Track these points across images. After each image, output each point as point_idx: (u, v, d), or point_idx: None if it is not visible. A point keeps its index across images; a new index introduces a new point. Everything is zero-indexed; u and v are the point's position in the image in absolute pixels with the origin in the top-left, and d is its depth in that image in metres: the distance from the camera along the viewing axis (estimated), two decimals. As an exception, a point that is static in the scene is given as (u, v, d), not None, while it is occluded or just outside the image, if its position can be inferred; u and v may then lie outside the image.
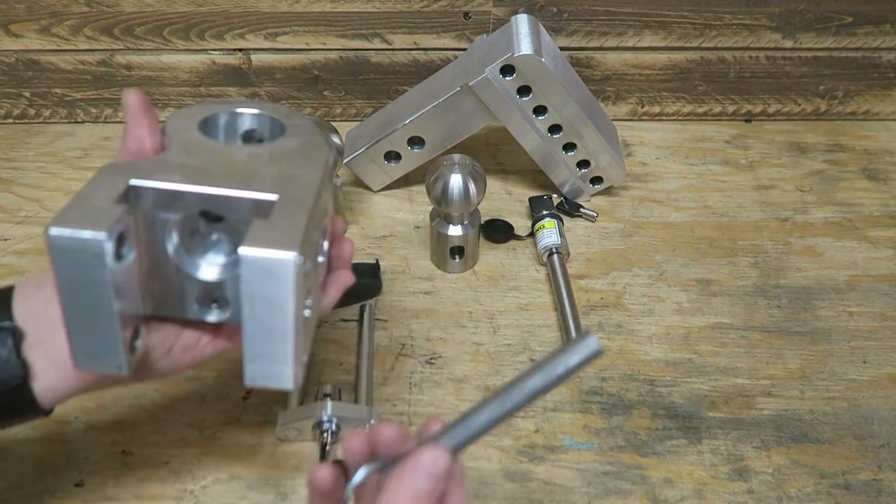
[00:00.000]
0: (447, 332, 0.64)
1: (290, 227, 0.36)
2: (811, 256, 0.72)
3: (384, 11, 0.79)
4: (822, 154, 0.85)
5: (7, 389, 0.39)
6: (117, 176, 0.38)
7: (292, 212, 0.37)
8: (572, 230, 0.74)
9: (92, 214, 0.35)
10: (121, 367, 0.37)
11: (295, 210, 0.37)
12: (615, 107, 0.88)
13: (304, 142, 0.44)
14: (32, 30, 0.79)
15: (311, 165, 0.42)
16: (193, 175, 0.38)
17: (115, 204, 0.36)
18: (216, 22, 0.80)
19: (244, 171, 0.40)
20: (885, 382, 0.61)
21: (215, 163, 0.40)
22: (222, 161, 0.41)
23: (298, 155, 0.43)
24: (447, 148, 0.74)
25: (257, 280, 0.35)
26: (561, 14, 0.80)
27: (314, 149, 0.44)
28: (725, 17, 0.81)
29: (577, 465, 0.54)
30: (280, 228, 0.36)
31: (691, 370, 0.61)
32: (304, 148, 0.44)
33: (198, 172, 0.39)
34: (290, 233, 0.36)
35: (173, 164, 0.39)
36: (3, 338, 0.39)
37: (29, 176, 0.79)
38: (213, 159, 0.40)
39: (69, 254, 0.34)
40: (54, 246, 0.34)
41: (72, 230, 0.34)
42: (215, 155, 0.41)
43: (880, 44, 0.84)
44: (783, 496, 0.53)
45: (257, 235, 0.35)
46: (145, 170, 0.38)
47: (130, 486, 0.52)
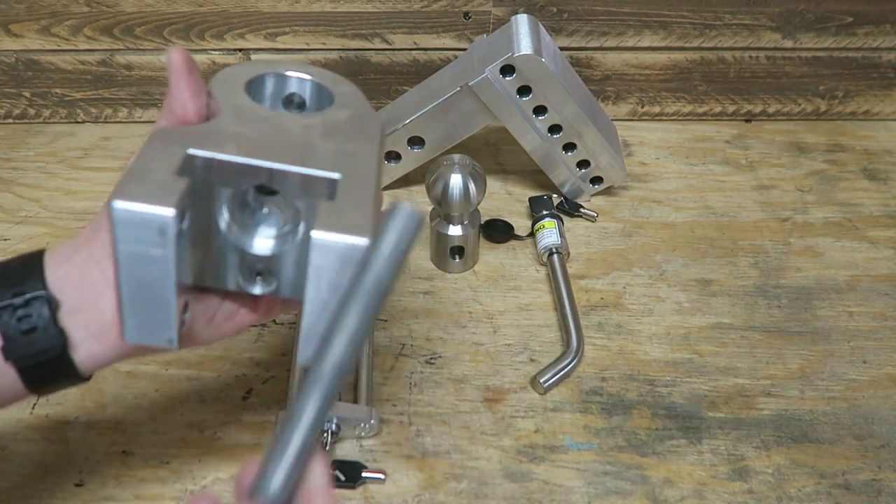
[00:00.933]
0: (447, 332, 0.64)
1: (358, 211, 0.36)
2: (811, 256, 0.72)
3: (384, 11, 0.79)
4: (822, 154, 0.85)
5: (46, 360, 0.38)
6: (174, 144, 0.37)
7: (357, 193, 0.37)
8: (572, 230, 0.74)
9: (156, 188, 0.34)
10: (171, 342, 0.37)
11: (359, 191, 0.37)
12: (615, 107, 0.88)
13: (356, 113, 0.43)
14: (32, 30, 0.79)
15: (366, 140, 0.41)
16: (251, 147, 0.38)
17: (177, 176, 0.35)
18: (216, 22, 0.80)
19: (302, 145, 0.39)
20: (885, 382, 0.61)
21: (270, 134, 0.39)
22: (277, 132, 0.40)
23: (352, 128, 0.42)
24: (447, 148, 0.74)
25: (327, 264, 0.35)
26: (561, 14, 0.80)
27: (367, 121, 0.43)
28: (725, 17, 0.81)
29: (577, 465, 0.54)
30: (349, 213, 0.35)
31: (691, 370, 0.61)
32: (357, 120, 0.43)
33: (255, 145, 0.38)
34: (360, 217, 0.35)
35: (227, 133, 0.38)
36: (39, 307, 0.37)
37: (29, 176, 0.79)
38: (267, 130, 0.40)
39: (132, 228, 0.33)
40: (117, 219, 0.33)
41: (137, 205, 0.33)
42: (269, 125, 0.40)
43: (880, 44, 0.84)
44: (783, 496, 0.53)
45: (328, 220, 0.35)
46: (200, 138, 0.37)
47: (130, 486, 0.52)
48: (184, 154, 0.36)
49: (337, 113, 0.43)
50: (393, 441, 0.56)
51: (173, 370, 0.60)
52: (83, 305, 0.38)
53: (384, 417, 0.57)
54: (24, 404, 0.57)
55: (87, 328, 0.38)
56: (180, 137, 0.37)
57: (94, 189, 0.78)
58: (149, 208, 0.33)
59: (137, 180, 0.34)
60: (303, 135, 0.40)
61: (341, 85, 0.46)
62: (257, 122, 0.40)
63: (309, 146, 0.39)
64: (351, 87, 0.46)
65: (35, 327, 0.37)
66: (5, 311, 0.37)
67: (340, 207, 0.36)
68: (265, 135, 0.39)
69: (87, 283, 0.38)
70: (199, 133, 0.38)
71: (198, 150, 0.37)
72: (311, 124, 0.42)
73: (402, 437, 0.56)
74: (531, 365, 0.61)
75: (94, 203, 0.76)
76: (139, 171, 0.35)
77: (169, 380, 0.59)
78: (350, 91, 0.45)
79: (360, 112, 0.44)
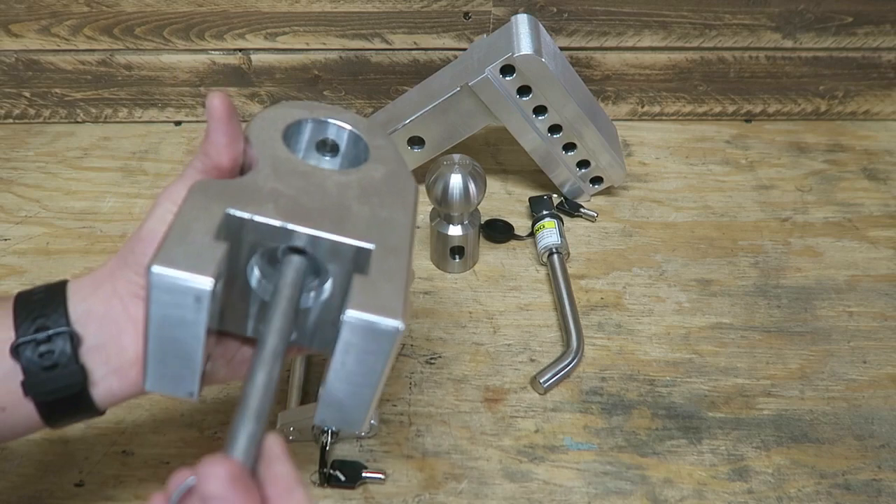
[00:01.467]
0: (447, 332, 0.64)
1: (392, 290, 0.36)
2: (811, 256, 0.72)
3: (384, 11, 0.79)
4: (822, 154, 0.85)
5: (65, 396, 0.38)
6: (213, 201, 0.36)
7: (391, 268, 0.37)
8: (572, 230, 0.74)
9: (195, 255, 0.34)
10: (192, 395, 0.37)
11: (393, 265, 0.37)
12: (615, 107, 0.88)
13: (391, 172, 0.43)
14: (32, 30, 0.79)
15: (401, 205, 0.41)
16: (289, 209, 0.37)
17: (216, 241, 0.35)
18: (216, 22, 0.80)
19: (338, 208, 0.39)
20: (885, 382, 0.61)
21: (308, 192, 0.39)
22: (314, 191, 0.39)
23: (388, 190, 0.42)
24: (447, 148, 0.74)
25: (357, 341, 0.35)
26: (561, 14, 0.80)
27: (402, 183, 0.43)
28: (725, 17, 0.81)
29: (577, 465, 0.54)
30: (383, 291, 0.36)
31: (691, 370, 0.61)
32: (393, 181, 0.43)
33: (293, 205, 0.38)
34: (394, 297, 0.35)
35: (265, 190, 0.38)
36: (61, 343, 0.37)
37: (29, 176, 0.79)
38: (305, 188, 0.39)
39: (169, 293, 0.33)
40: (155, 284, 0.33)
41: (176, 272, 0.33)
42: (307, 182, 0.40)
43: (880, 44, 0.84)
44: (783, 496, 0.53)
45: (361, 298, 0.35)
46: (239, 195, 0.37)
47: (130, 486, 0.52)
48: (223, 213, 0.36)
49: (372, 171, 0.43)
50: (393, 441, 0.56)
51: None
52: (105, 341, 0.39)
53: (384, 417, 0.57)
54: (24, 404, 0.57)
55: (107, 364, 0.39)
56: (219, 193, 0.37)
57: (94, 189, 0.78)
58: (187, 276, 0.33)
59: (177, 242, 0.34)
60: (339, 195, 0.40)
61: (377, 137, 0.45)
62: (294, 178, 0.40)
63: (345, 210, 0.39)
64: (386, 141, 0.46)
65: (56, 364, 0.37)
66: (28, 346, 0.37)
67: (375, 285, 0.36)
68: (302, 192, 0.39)
69: (109, 319, 0.38)
70: (238, 189, 0.38)
71: (237, 210, 0.37)
72: (347, 183, 0.41)
73: (402, 437, 0.56)
74: (531, 365, 0.61)
75: (94, 203, 0.76)
76: (179, 233, 0.35)
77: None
78: (385, 145, 0.45)
79: (395, 171, 0.43)
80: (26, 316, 0.38)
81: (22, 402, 0.38)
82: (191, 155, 0.83)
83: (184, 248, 0.34)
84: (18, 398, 0.38)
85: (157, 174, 0.80)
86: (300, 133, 0.45)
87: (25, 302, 0.39)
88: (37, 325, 0.38)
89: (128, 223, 0.74)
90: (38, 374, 0.37)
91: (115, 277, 0.39)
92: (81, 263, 0.69)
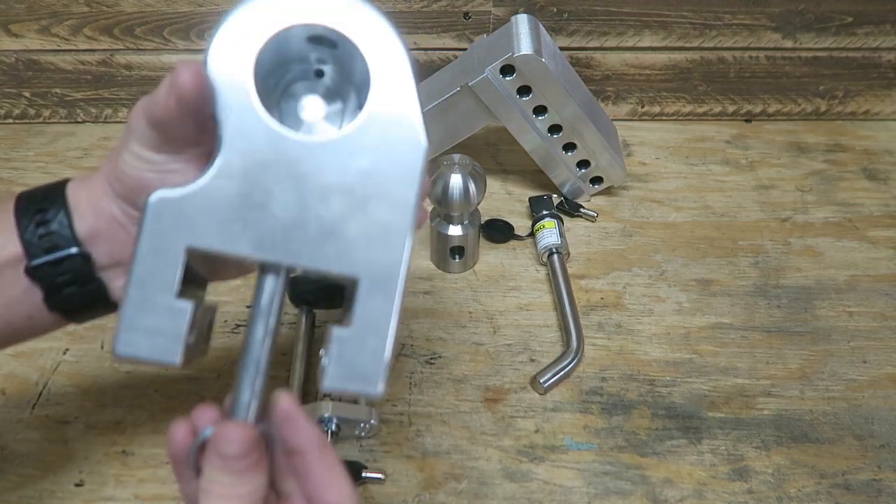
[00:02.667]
0: (447, 332, 0.64)
1: (374, 348, 0.33)
2: (811, 256, 0.72)
3: (384, 11, 0.79)
4: (822, 154, 0.85)
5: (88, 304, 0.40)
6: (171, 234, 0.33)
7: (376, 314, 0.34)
8: (572, 230, 0.74)
9: (158, 333, 0.33)
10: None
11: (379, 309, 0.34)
12: (615, 107, 0.88)
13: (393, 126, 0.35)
14: (32, 30, 0.79)
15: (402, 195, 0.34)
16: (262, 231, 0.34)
17: (179, 301, 0.33)
18: (216, 22, 0.79)
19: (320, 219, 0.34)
20: (885, 382, 0.61)
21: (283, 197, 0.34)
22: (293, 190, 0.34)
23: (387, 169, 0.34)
24: (447, 148, 0.74)
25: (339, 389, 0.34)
26: (561, 14, 0.80)
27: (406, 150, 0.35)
28: (725, 17, 0.81)
29: (577, 465, 0.54)
30: (363, 353, 0.33)
31: (691, 370, 0.61)
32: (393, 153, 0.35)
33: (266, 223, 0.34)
34: (374, 361, 0.33)
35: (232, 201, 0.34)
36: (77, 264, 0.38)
37: (29, 176, 0.79)
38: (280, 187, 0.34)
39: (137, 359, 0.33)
40: (121, 358, 0.33)
41: (140, 353, 0.33)
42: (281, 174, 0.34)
43: (880, 44, 0.84)
44: (783, 496, 0.53)
45: (338, 368, 0.33)
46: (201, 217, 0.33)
47: (130, 486, 0.52)
48: (184, 250, 0.33)
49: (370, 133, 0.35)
50: (393, 441, 0.56)
51: (173, 370, 0.59)
52: (117, 259, 0.39)
53: (384, 417, 0.57)
54: (24, 404, 0.57)
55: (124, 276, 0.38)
56: (177, 217, 0.33)
57: (94, 189, 0.78)
58: (151, 356, 0.33)
59: (137, 311, 0.33)
60: (323, 194, 0.34)
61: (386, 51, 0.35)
62: (268, 172, 0.34)
63: (329, 220, 0.34)
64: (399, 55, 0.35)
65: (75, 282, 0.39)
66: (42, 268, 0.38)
67: (355, 344, 0.33)
68: (278, 199, 0.34)
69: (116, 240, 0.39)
70: (200, 205, 0.34)
71: (199, 243, 0.34)
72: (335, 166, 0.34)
73: (402, 437, 0.56)
74: (531, 365, 0.61)
75: (94, 203, 0.76)
76: (138, 298, 0.33)
77: (169, 380, 0.59)
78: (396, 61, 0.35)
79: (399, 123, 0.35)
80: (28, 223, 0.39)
81: (46, 311, 0.39)
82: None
83: (144, 321, 0.33)
84: (43, 309, 0.39)
85: (157, 174, 0.80)
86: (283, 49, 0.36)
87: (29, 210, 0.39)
88: (46, 245, 0.38)
89: (128, 223, 0.74)
90: (58, 293, 0.39)
91: (110, 202, 0.39)
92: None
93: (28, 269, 0.38)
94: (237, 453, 0.31)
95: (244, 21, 0.35)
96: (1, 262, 0.38)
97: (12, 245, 0.38)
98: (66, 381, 0.59)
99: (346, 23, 0.35)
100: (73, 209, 0.39)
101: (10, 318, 0.39)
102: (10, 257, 0.38)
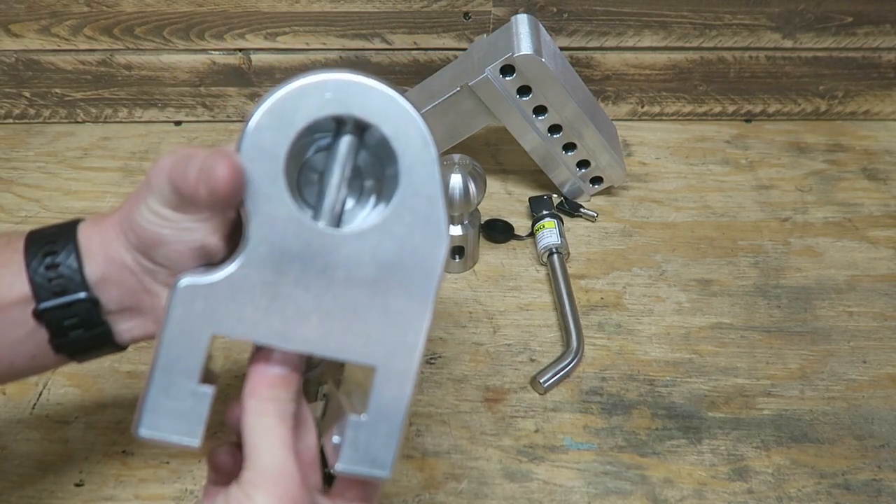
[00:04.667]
0: (447, 332, 0.64)
1: (386, 436, 0.35)
2: (811, 256, 0.72)
3: (384, 11, 0.79)
4: (822, 154, 0.85)
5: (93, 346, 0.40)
6: (197, 321, 0.34)
7: (389, 404, 0.35)
8: (572, 230, 0.74)
9: (180, 415, 0.34)
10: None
11: (393, 398, 0.35)
12: (615, 107, 0.88)
13: (418, 226, 0.35)
14: (32, 30, 0.79)
15: (421, 287, 0.35)
16: (284, 322, 0.34)
17: (201, 388, 0.34)
18: (216, 22, 0.80)
19: (342, 309, 0.35)
20: (885, 382, 0.61)
21: (307, 285, 0.34)
22: (316, 281, 0.34)
23: (410, 261, 0.35)
24: (447, 148, 0.74)
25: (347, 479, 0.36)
26: (561, 14, 0.80)
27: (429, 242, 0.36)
28: (725, 17, 0.81)
29: (577, 465, 0.54)
30: (376, 440, 0.35)
31: (691, 370, 0.61)
32: (416, 247, 0.35)
33: (288, 313, 0.34)
34: (386, 447, 0.35)
35: (256, 291, 0.34)
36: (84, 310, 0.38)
37: (29, 176, 0.79)
38: (304, 277, 0.34)
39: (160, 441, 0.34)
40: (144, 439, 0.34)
41: (162, 436, 0.34)
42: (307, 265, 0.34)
43: (880, 44, 0.84)
44: (783, 496, 0.53)
45: (352, 451, 0.35)
46: (227, 306, 0.34)
47: (130, 486, 0.52)
48: (210, 337, 0.34)
49: (395, 226, 0.35)
50: (393, 441, 0.56)
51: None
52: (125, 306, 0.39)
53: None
54: (24, 404, 0.57)
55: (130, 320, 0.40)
56: (204, 305, 0.34)
57: (94, 189, 0.78)
58: (172, 438, 0.34)
59: (161, 394, 0.34)
60: (346, 286, 0.35)
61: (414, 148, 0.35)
62: (294, 263, 0.34)
63: (350, 311, 0.35)
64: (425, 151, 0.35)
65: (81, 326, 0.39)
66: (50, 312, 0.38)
67: (369, 432, 0.35)
68: (301, 288, 0.34)
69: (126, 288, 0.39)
70: (227, 294, 0.34)
71: (225, 331, 0.35)
72: (359, 256, 0.35)
73: (402, 437, 0.56)
74: (531, 365, 0.61)
75: (94, 203, 0.76)
76: (162, 381, 0.34)
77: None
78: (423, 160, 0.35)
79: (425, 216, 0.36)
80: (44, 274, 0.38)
81: (51, 352, 0.39)
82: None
83: (167, 405, 0.34)
84: (47, 350, 0.39)
85: (157, 174, 0.80)
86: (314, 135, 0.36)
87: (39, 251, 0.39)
88: (56, 289, 0.38)
89: (128, 223, 0.74)
90: (65, 335, 0.39)
91: (122, 249, 0.39)
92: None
93: (36, 311, 0.38)
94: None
95: (283, 106, 0.34)
96: (8, 302, 0.38)
97: (20, 285, 0.38)
98: (66, 381, 0.59)
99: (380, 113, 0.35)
100: (84, 252, 0.39)
101: (13, 357, 0.39)
102: (17, 297, 0.38)
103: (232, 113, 0.87)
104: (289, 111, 0.34)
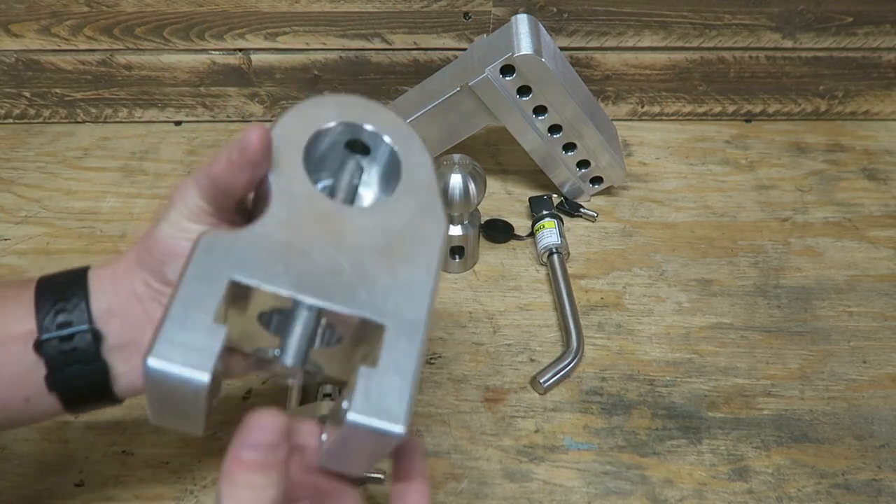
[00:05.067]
0: (447, 332, 0.64)
1: (399, 389, 0.35)
2: (811, 256, 0.72)
3: (384, 11, 0.79)
4: (822, 154, 0.85)
5: (89, 390, 0.39)
6: (217, 265, 0.36)
7: (402, 357, 0.36)
8: (572, 230, 0.74)
9: (192, 347, 0.34)
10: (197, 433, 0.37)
11: (405, 353, 0.36)
12: (615, 107, 0.88)
13: (420, 207, 0.41)
14: (32, 30, 0.79)
15: (425, 259, 0.39)
16: (300, 273, 0.36)
17: (216, 325, 0.34)
18: (216, 22, 0.80)
19: (354, 268, 0.38)
20: (885, 382, 0.61)
21: (322, 246, 0.38)
22: (330, 243, 0.38)
23: (413, 237, 0.40)
24: (447, 148, 0.74)
25: (356, 437, 0.35)
26: (561, 14, 0.80)
27: (430, 225, 0.41)
28: (725, 17, 0.81)
29: (577, 465, 0.55)
30: (389, 392, 0.35)
31: (691, 370, 0.61)
32: (420, 223, 0.40)
33: (304, 267, 0.37)
34: (399, 399, 0.35)
35: (276, 245, 0.37)
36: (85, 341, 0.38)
37: (29, 176, 0.79)
38: (319, 239, 0.38)
39: (165, 383, 0.34)
40: (150, 377, 0.33)
41: (171, 367, 0.33)
42: (322, 228, 0.38)
43: (880, 44, 0.84)
44: (783, 496, 0.53)
45: (365, 401, 0.35)
46: (247, 254, 0.36)
47: (130, 486, 0.52)
48: (228, 281, 0.35)
49: (400, 208, 0.41)
50: (393, 441, 0.56)
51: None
52: (127, 341, 0.39)
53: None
54: (24, 404, 0.57)
55: (129, 362, 0.40)
56: (226, 252, 0.36)
57: (94, 189, 0.78)
58: (183, 370, 0.33)
59: (176, 328, 0.34)
60: (357, 248, 0.38)
61: (413, 151, 0.43)
62: (310, 226, 0.38)
63: (362, 271, 0.38)
64: (422, 155, 0.43)
65: (80, 361, 0.39)
66: (51, 343, 0.38)
67: (381, 382, 0.35)
68: (317, 247, 0.38)
69: (130, 320, 0.39)
70: (247, 245, 0.37)
71: (243, 276, 0.36)
72: (368, 228, 0.39)
73: (402, 437, 0.56)
74: (531, 365, 0.61)
75: (94, 203, 0.76)
76: (178, 315, 0.34)
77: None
78: (421, 162, 0.42)
79: (426, 205, 0.41)
80: (49, 308, 0.39)
81: (45, 393, 0.39)
82: (191, 155, 0.83)
83: (181, 337, 0.34)
84: (42, 390, 0.39)
85: (157, 174, 0.80)
86: (327, 141, 0.42)
87: (48, 291, 0.40)
88: (59, 321, 0.39)
89: (128, 223, 0.74)
90: (61, 370, 0.39)
91: (132, 277, 0.40)
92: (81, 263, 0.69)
93: (37, 342, 0.38)
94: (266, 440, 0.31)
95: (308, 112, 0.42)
96: (12, 335, 0.38)
97: (28, 323, 0.39)
98: (66, 381, 0.59)
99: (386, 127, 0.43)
100: (93, 291, 0.40)
101: (8, 398, 0.39)
102: (21, 333, 0.39)
103: (232, 113, 0.87)
104: (311, 116, 0.42)
